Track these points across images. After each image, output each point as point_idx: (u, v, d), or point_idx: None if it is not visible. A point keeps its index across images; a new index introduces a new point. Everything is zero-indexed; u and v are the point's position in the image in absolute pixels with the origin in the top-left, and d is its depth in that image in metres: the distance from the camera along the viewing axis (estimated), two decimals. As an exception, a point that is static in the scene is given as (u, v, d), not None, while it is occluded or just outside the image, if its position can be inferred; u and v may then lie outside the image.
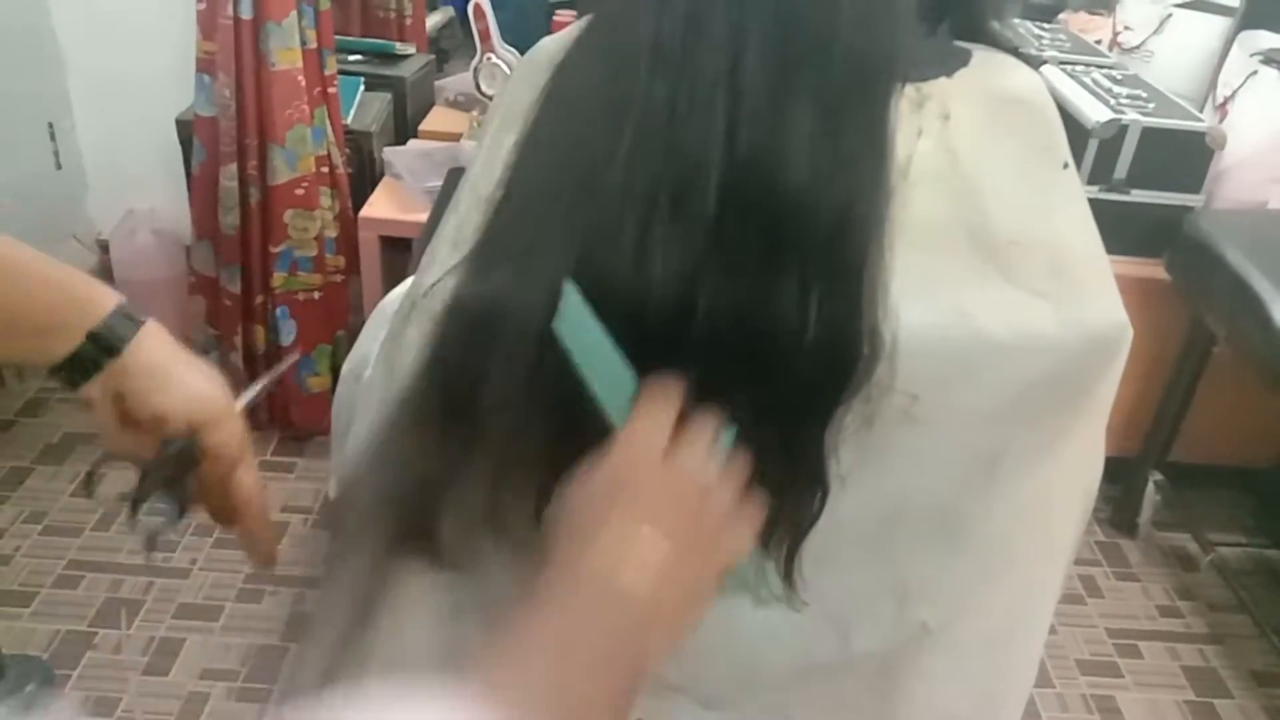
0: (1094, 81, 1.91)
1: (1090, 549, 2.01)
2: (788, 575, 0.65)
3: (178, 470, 0.58)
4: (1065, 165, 0.66)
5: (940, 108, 0.61)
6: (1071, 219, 0.67)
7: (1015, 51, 0.66)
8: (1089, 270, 0.66)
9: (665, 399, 0.52)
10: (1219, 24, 2.13)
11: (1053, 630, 1.85)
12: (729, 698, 0.79)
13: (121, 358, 0.55)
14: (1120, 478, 2.05)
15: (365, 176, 2.01)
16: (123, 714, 1.53)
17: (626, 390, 0.53)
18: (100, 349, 0.55)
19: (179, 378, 0.57)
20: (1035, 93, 0.65)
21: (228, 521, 0.61)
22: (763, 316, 0.56)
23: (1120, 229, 1.79)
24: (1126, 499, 2.04)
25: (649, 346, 0.57)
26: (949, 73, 0.62)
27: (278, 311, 1.95)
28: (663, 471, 0.50)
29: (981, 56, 0.64)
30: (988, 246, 0.62)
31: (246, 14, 1.73)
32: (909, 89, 0.60)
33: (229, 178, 1.85)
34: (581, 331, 0.52)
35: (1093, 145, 1.76)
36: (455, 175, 1.71)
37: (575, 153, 0.58)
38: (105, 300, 0.56)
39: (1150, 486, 1.98)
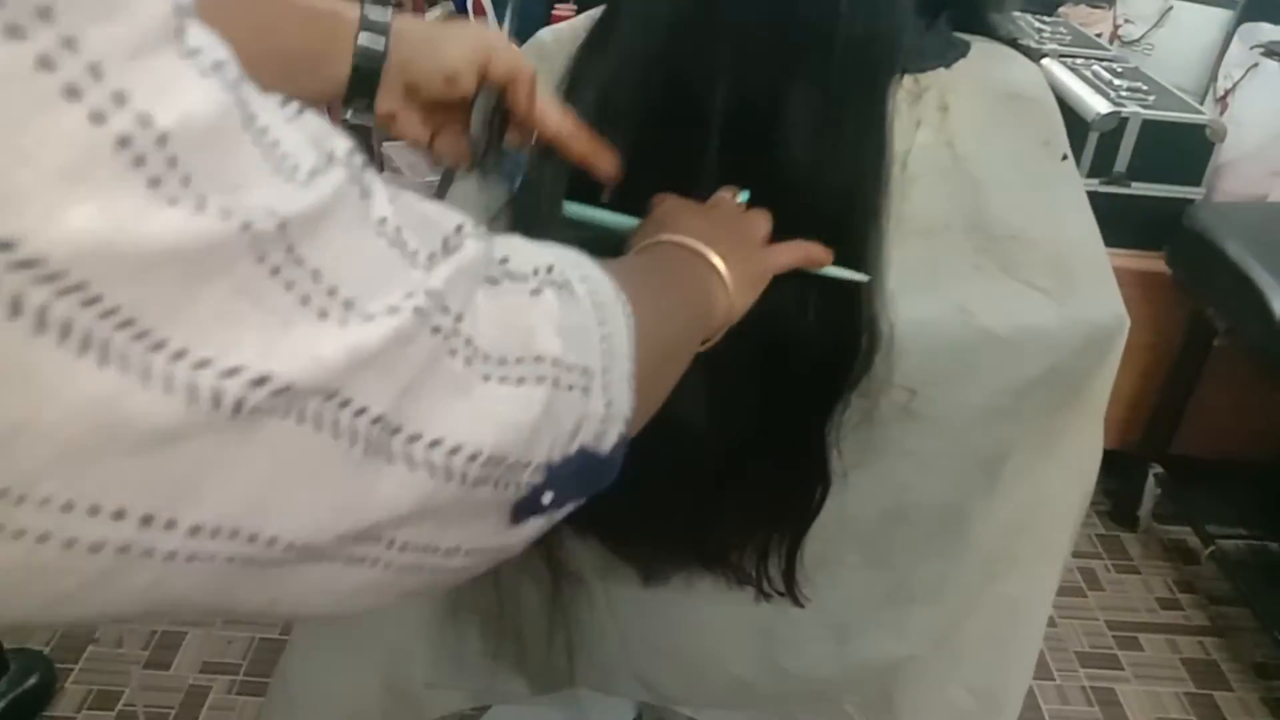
0: (1094, 74, 1.91)
1: (1090, 542, 2.01)
2: (789, 571, 0.65)
3: (494, 131, 0.59)
4: (1064, 157, 0.66)
5: (939, 99, 0.61)
6: (1070, 212, 0.67)
7: (1014, 43, 0.66)
8: (1087, 263, 0.66)
9: (672, 195, 0.58)
10: (1219, 16, 2.12)
11: (1053, 623, 1.85)
12: (730, 704, 0.79)
13: (392, 53, 0.55)
14: (1120, 471, 2.05)
15: (365, 171, 2.01)
16: (124, 707, 1.53)
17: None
18: (371, 57, 0.55)
19: (441, 35, 0.57)
20: (1034, 85, 0.65)
21: (558, 146, 0.60)
22: (761, 309, 0.56)
23: (1121, 222, 1.79)
24: (1127, 492, 2.04)
25: None
26: (948, 64, 0.62)
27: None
28: (701, 206, 0.57)
29: (980, 48, 0.64)
30: (987, 241, 0.62)
31: (245, 8, 1.73)
32: (907, 80, 0.60)
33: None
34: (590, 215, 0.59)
35: (1093, 138, 1.76)
36: (451, 171, 1.71)
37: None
38: (349, 9, 0.55)
39: (1150, 479, 1.98)
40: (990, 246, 0.62)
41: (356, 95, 0.56)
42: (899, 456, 0.64)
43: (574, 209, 0.58)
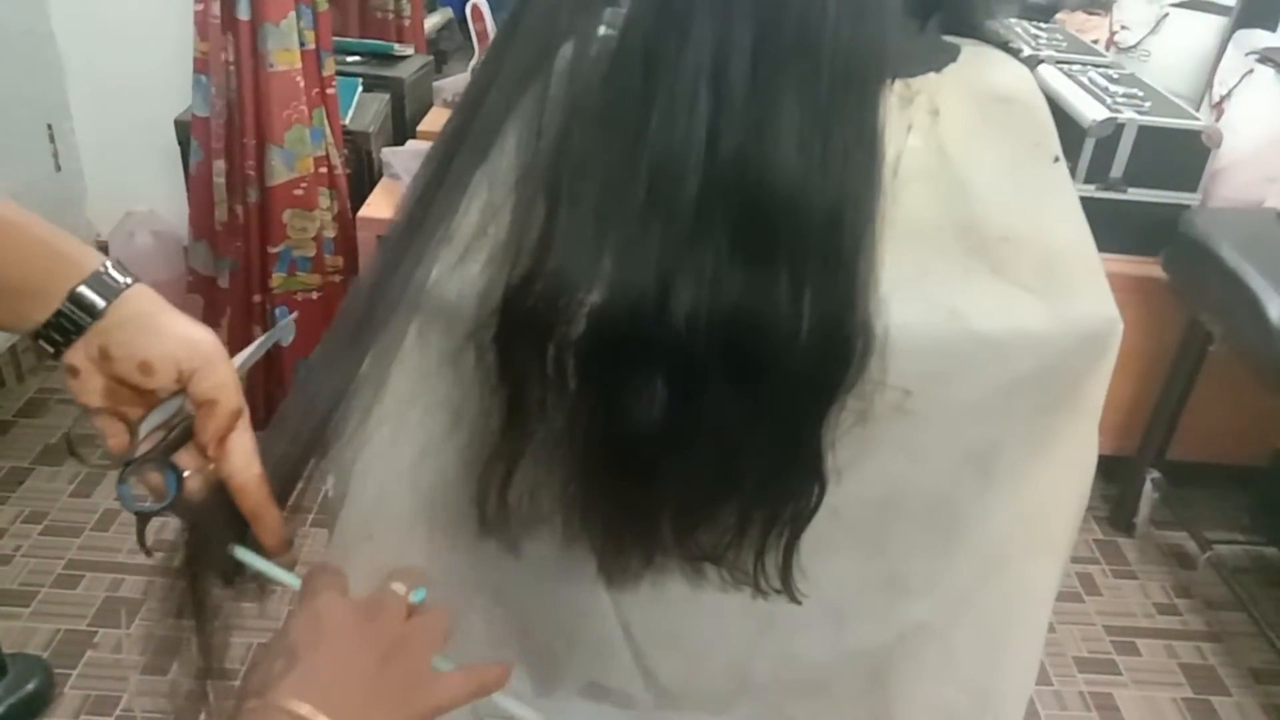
0: (1090, 80, 1.92)
1: (1088, 547, 2.01)
2: (786, 569, 0.66)
3: (170, 438, 0.55)
4: (1056, 160, 0.66)
5: (929, 104, 0.61)
6: (1062, 214, 0.67)
7: (1004, 46, 0.67)
8: (1079, 265, 0.67)
9: (334, 574, 0.55)
10: (1215, 23, 2.13)
11: (1051, 628, 1.84)
12: (725, 701, 0.79)
13: (104, 317, 0.52)
14: (1118, 476, 2.05)
15: (364, 177, 2.02)
16: (122, 713, 1.53)
17: None
18: (81, 309, 0.51)
19: (166, 324, 0.53)
20: (1024, 88, 0.65)
21: (230, 491, 0.56)
22: (757, 315, 0.56)
23: (1117, 228, 1.80)
24: (1124, 497, 2.05)
25: (643, 350, 0.58)
26: (938, 68, 0.63)
27: (277, 311, 1.96)
28: (354, 620, 0.53)
29: (970, 52, 0.65)
30: (978, 243, 0.63)
31: (244, 15, 1.74)
32: (898, 85, 0.60)
33: (219, 174, 1.86)
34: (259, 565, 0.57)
35: (1089, 144, 1.77)
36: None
37: (557, 154, 0.58)
38: (89, 260, 0.52)
39: (1148, 485, 1.99)
40: (981, 248, 0.62)
41: (49, 337, 0.52)
42: (891, 452, 0.64)
43: (244, 554, 0.56)
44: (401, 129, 2.16)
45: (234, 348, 0.58)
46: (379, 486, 0.69)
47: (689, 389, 0.58)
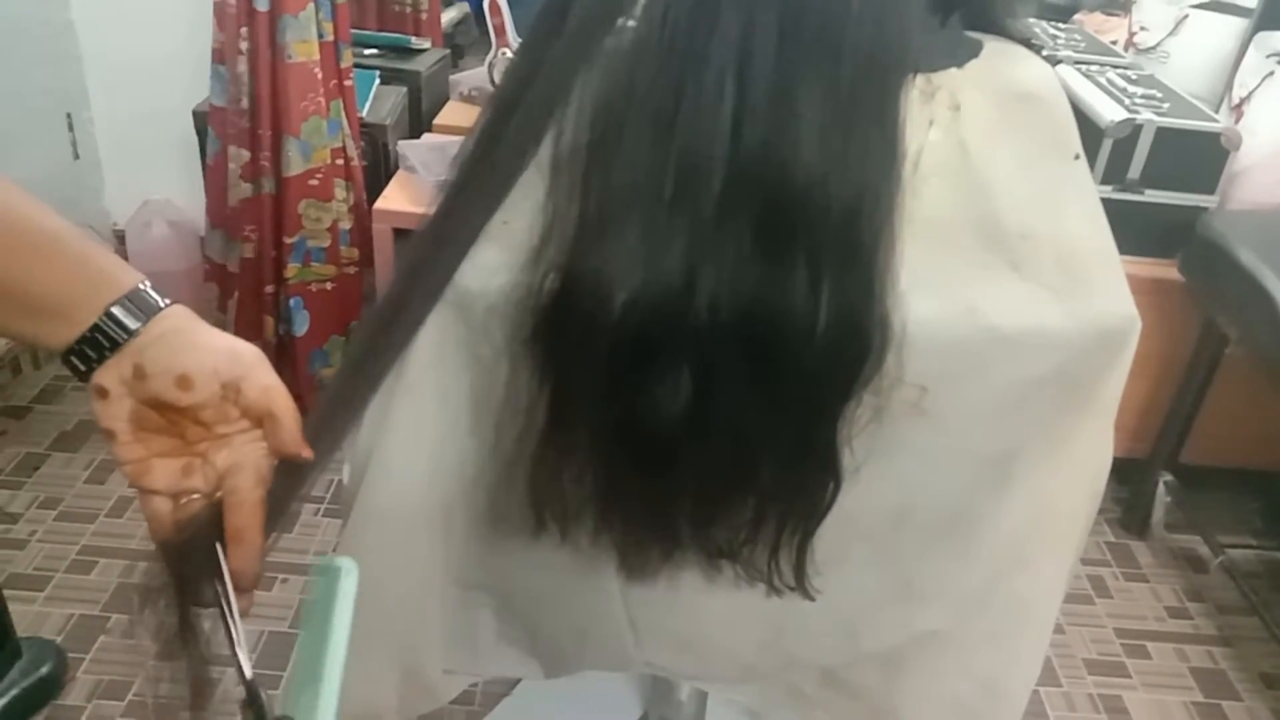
0: (1109, 81, 1.91)
1: (1100, 550, 2.00)
2: (799, 567, 0.66)
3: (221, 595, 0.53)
4: (1076, 157, 0.66)
5: (951, 98, 0.61)
6: (1081, 212, 0.67)
7: (1026, 43, 0.66)
8: (1098, 263, 0.66)
9: None
10: (1235, 25, 2.12)
11: (1061, 630, 1.85)
12: (738, 680, 0.80)
13: (140, 335, 0.50)
14: (1130, 479, 2.04)
15: (380, 170, 2.02)
16: (134, 697, 1.54)
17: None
18: (117, 326, 0.50)
19: (204, 339, 0.52)
20: (1046, 85, 0.65)
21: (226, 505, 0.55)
22: (775, 306, 0.56)
23: (1133, 229, 1.79)
24: (1136, 500, 2.04)
25: (661, 340, 0.58)
26: (960, 63, 0.63)
27: (291, 302, 1.97)
28: None
29: (992, 48, 0.65)
30: (998, 240, 0.63)
31: (263, 6, 1.74)
32: (919, 79, 0.60)
33: (235, 160, 1.86)
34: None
35: (1107, 145, 1.76)
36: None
37: (590, 146, 0.58)
38: (124, 279, 0.51)
39: (1160, 488, 1.98)
40: (1000, 245, 0.62)
41: (82, 354, 0.50)
42: (908, 454, 0.64)
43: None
44: (418, 122, 2.16)
45: (243, 335, 0.56)
46: (396, 479, 0.69)
47: (709, 380, 0.58)
